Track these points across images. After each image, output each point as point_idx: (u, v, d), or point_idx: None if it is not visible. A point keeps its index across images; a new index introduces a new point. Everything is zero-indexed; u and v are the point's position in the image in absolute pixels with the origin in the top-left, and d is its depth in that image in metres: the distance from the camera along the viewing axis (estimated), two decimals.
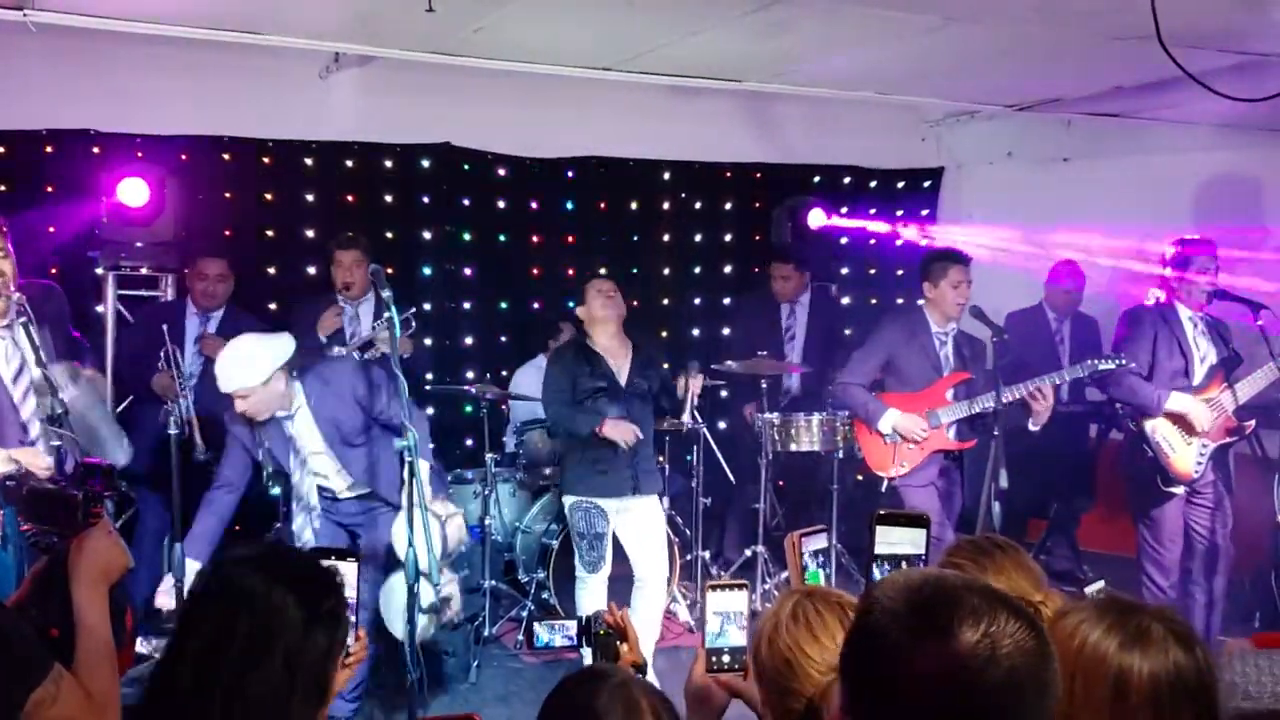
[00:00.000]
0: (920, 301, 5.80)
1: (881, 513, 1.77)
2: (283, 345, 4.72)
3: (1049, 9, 4.67)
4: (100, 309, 6.39)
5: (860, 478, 6.90)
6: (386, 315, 4.27)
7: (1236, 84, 4.26)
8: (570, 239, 7.91)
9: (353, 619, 2.22)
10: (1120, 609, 1.93)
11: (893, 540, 1.74)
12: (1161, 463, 5.57)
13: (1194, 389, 5.58)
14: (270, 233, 7.01)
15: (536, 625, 2.86)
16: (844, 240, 8.17)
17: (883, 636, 1.44)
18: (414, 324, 5.36)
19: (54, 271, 6.33)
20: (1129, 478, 5.83)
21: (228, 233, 6.79)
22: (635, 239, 8.12)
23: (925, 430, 5.62)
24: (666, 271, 8.27)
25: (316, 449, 4.89)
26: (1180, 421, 5.55)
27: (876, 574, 1.71)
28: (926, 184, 8.93)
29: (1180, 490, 5.60)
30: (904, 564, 1.72)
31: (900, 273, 8.50)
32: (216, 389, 4.75)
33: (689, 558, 6.75)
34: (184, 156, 6.59)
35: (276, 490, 4.95)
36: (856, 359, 5.86)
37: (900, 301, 8.26)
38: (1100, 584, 2.51)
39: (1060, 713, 1.87)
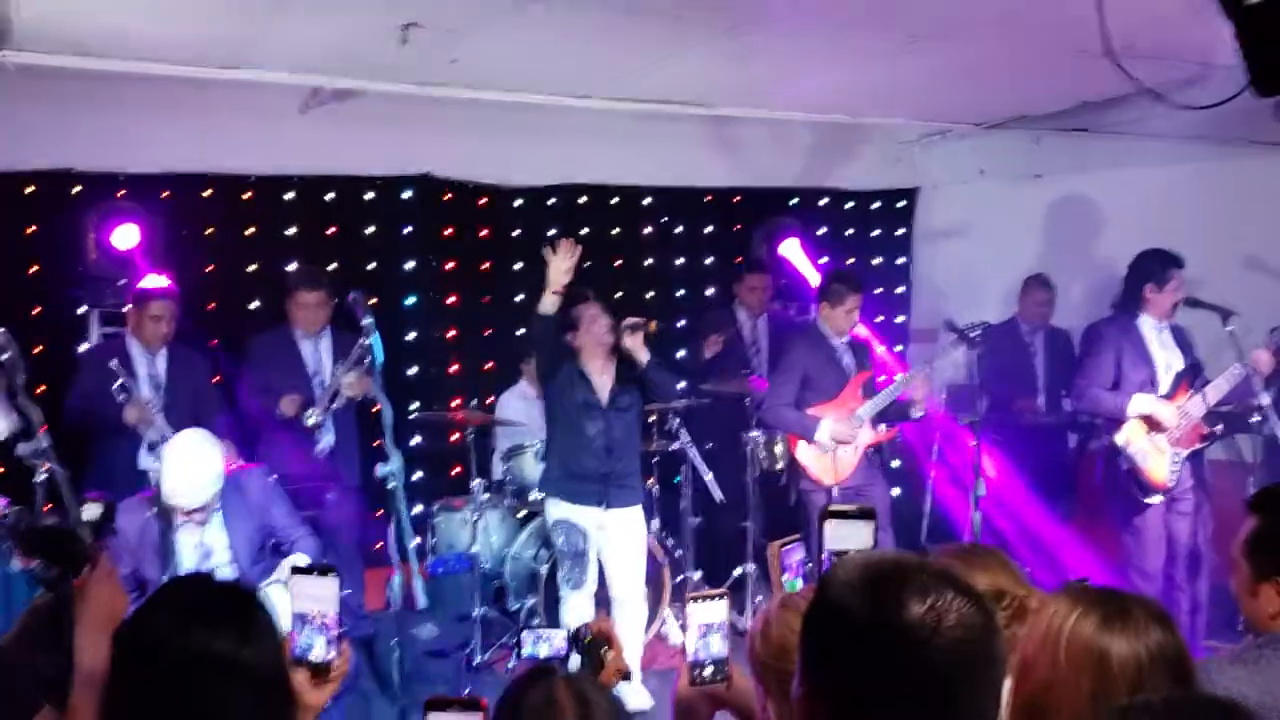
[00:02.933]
0: (815, 317, 6.28)
1: (831, 509, 1.84)
2: (216, 441, 4.62)
3: (1008, 26, 4.77)
4: (84, 347, 6.42)
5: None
6: (367, 343, 4.32)
7: (1197, 96, 4.36)
8: None
9: (334, 633, 2.26)
10: (1098, 593, 2.00)
11: (843, 535, 1.81)
12: (1137, 474, 5.66)
13: (1161, 398, 5.66)
14: (252, 267, 7.05)
15: (524, 634, 2.89)
16: (823, 260, 8.26)
17: (838, 607, 1.52)
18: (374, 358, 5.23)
19: (36, 310, 6.39)
20: (1108, 489, 5.91)
21: (209, 268, 6.84)
22: (618, 264, 8.18)
23: (856, 431, 6.01)
24: (649, 295, 8.33)
25: (223, 561, 4.68)
26: (1150, 425, 5.64)
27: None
28: (901, 204, 9.04)
29: (1158, 499, 5.67)
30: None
31: (879, 290, 8.61)
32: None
33: (680, 579, 6.77)
34: (166, 194, 6.63)
35: None
36: (777, 382, 6.23)
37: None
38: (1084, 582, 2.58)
39: (1044, 691, 1.94)
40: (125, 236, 6.03)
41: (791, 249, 7.68)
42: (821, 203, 8.78)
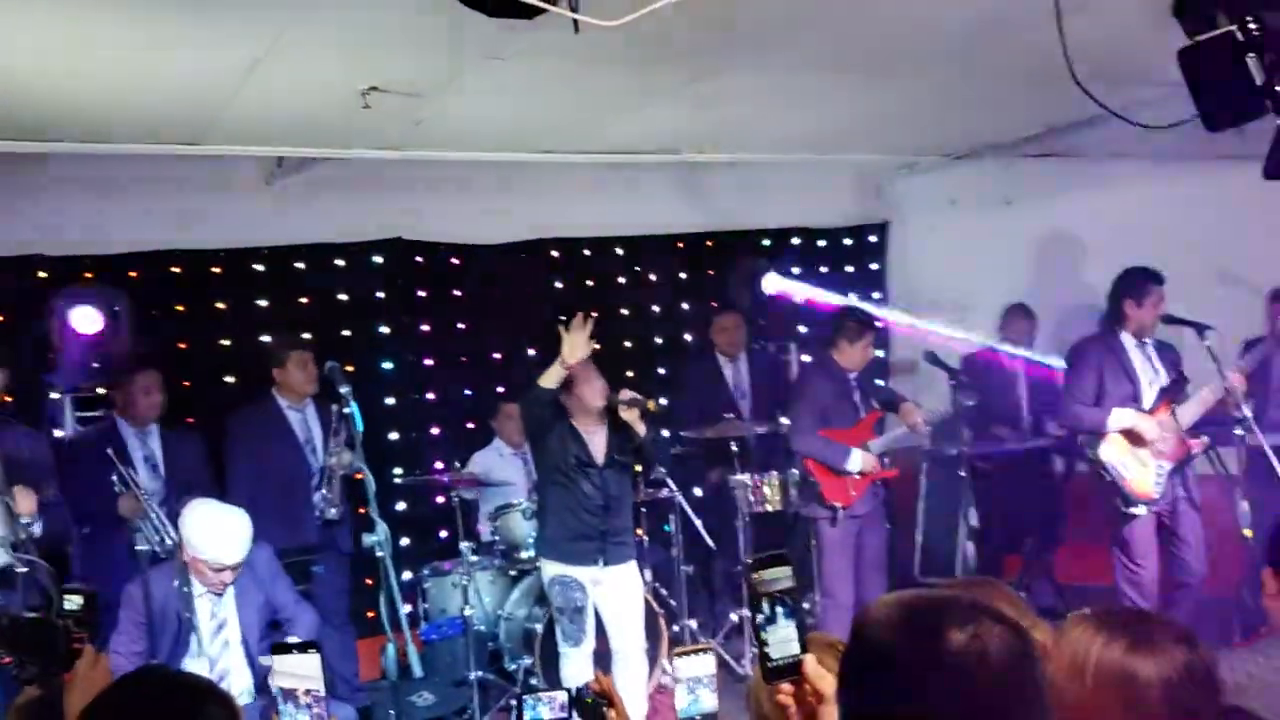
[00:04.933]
0: (832, 351, 6.36)
1: (753, 558, 1.83)
2: None
3: (970, 56, 4.79)
4: (59, 434, 6.33)
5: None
6: (346, 412, 4.27)
7: (1162, 114, 4.38)
8: (529, 321, 7.92)
9: (319, 710, 2.20)
10: (1119, 616, 1.97)
11: (768, 578, 1.80)
12: (1120, 485, 5.71)
13: (1145, 413, 5.71)
14: (226, 342, 6.97)
15: (526, 698, 2.83)
16: (800, 299, 8.25)
17: (878, 648, 1.51)
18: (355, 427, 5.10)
19: (9, 399, 6.30)
20: (1097, 504, 5.97)
21: (183, 345, 6.77)
22: (594, 315, 8.12)
23: (876, 463, 6.21)
24: (628, 345, 8.29)
25: (234, 637, 4.63)
26: (1133, 439, 5.69)
27: (765, 608, 1.78)
28: (873, 239, 9.07)
29: (1142, 510, 5.71)
30: (788, 597, 1.78)
31: None
32: None
33: (676, 628, 6.69)
34: (133, 273, 6.58)
35: None
36: (803, 410, 6.35)
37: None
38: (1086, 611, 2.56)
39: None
40: (90, 320, 5.95)
41: (775, 283, 7.64)
42: (794, 242, 8.79)
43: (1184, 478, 5.79)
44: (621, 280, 8.32)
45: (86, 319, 5.97)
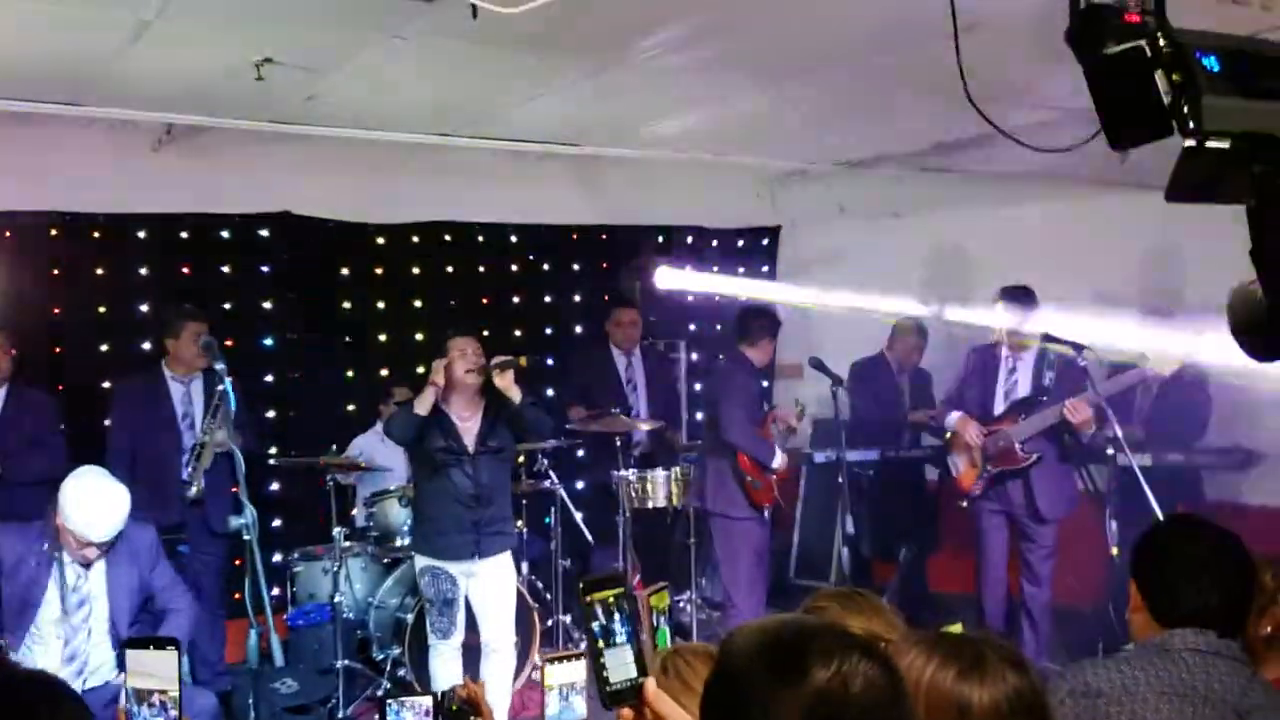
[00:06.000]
0: (743, 349, 6.52)
1: (584, 582, 1.78)
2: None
3: (867, 66, 4.85)
4: None
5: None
6: (220, 388, 4.16)
7: (1051, 138, 4.48)
8: (417, 304, 7.84)
9: (174, 713, 2.13)
10: (951, 641, 1.99)
11: (604, 599, 1.74)
12: (952, 480, 6.33)
13: (993, 419, 6.12)
14: (103, 309, 6.76)
15: (389, 703, 2.79)
16: (690, 298, 8.31)
17: (739, 679, 1.47)
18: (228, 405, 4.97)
19: None
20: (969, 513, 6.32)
21: (57, 310, 6.55)
22: (485, 302, 8.11)
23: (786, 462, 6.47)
24: (518, 334, 8.25)
25: (99, 617, 4.45)
26: (959, 441, 6.20)
27: (603, 630, 1.72)
28: (765, 241, 9.18)
29: (964, 504, 6.24)
30: (626, 618, 1.72)
31: None
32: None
33: (550, 623, 6.67)
34: (8, 234, 6.34)
35: None
36: (737, 404, 6.41)
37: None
38: (958, 626, 2.59)
39: None
40: None
41: (669, 277, 7.65)
42: (687, 240, 8.85)
43: (1028, 487, 6.04)
44: (514, 268, 8.29)
45: None
